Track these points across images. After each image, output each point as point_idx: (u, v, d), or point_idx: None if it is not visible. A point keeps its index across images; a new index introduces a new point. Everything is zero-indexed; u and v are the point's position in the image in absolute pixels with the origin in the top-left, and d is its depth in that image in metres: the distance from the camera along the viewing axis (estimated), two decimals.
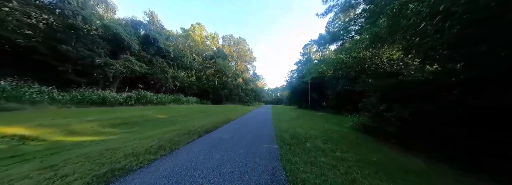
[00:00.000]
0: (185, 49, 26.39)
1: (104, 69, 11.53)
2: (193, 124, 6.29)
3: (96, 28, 11.52)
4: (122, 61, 13.12)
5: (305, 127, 6.61)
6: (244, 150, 3.25)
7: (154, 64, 16.04)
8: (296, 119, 9.92)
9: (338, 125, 7.59)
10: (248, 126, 6.29)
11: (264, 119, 8.95)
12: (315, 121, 9.37)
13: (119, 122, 5.55)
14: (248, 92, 44.82)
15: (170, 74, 17.19)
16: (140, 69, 14.19)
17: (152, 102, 12.69)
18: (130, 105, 10.60)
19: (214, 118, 8.39)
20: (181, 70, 22.59)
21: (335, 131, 5.66)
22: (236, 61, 43.19)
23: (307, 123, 8.09)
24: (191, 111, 11.75)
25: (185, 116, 9.07)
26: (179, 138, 3.86)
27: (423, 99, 3.38)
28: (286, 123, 7.80)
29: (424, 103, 3.32)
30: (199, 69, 27.66)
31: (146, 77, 14.91)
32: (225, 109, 16.27)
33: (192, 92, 23.72)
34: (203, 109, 13.57)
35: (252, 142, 3.91)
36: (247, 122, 7.63)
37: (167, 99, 14.84)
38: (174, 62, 20.47)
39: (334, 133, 5.30)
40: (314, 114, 15.86)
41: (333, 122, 8.93)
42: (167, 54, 19.71)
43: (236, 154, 3.01)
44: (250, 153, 3.09)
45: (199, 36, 29.61)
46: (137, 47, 15.72)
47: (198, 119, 8.09)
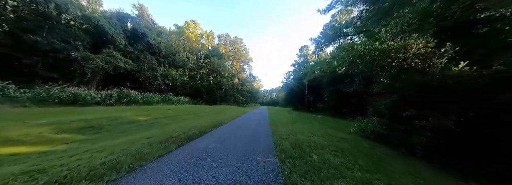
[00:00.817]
0: (178, 47, 25.16)
1: (81, 63, 10.25)
2: (177, 128, 5.35)
3: (73, 18, 10.25)
4: (104, 56, 11.85)
5: (305, 132, 5.87)
6: (235, 168, 2.41)
7: (142, 60, 14.80)
8: (294, 122, 9.19)
9: (341, 130, 6.93)
10: (242, 131, 5.45)
11: (260, 122, 8.14)
12: (314, 124, 8.69)
13: (82, 125, 4.51)
14: (243, 93, 43.90)
15: (159, 72, 15.96)
16: (125, 66, 12.94)
17: (137, 102, 11.49)
18: (110, 105, 9.41)
19: (204, 121, 7.47)
20: (173, 68, 21.35)
21: (341, 139, 4.95)
22: (232, 61, 42.25)
23: (306, 127, 7.37)
24: (180, 112, 10.70)
25: (171, 118, 8.07)
26: (150, 149, 2.96)
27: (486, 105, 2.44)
28: (284, 127, 7.04)
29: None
30: (192, 68, 26.45)
31: (132, 75, 13.65)
32: (218, 110, 15.29)
33: (184, 92, 22.48)
34: (194, 110, 12.53)
35: (246, 154, 3.08)
36: (241, 125, 6.79)
37: (154, 99, 13.65)
38: (165, 60, 19.23)
39: (341, 141, 4.58)
40: (311, 116, 15.28)
41: (334, 127, 8.29)
42: (157, 50, 18.47)
43: (223, 174, 2.17)
44: (243, 172, 2.26)
45: (194, 34, 28.48)
46: (123, 42, 14.45)
47: (185, 122, 7.13)
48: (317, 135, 5.29)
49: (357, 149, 3.92)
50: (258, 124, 7.41)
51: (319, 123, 9.45)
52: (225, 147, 3.45)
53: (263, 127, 6.60)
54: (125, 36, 15.30)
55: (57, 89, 7.37)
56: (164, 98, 15.49)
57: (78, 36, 10.99)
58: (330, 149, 3.73)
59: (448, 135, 2.77)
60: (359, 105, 14.91)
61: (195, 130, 5.05)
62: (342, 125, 9.30)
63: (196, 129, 5.17)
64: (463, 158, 2.73)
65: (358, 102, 15.23)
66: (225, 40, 40.55)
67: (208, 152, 3.09)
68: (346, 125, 9.33)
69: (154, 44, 18.26)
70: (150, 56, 17.23)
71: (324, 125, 8.93)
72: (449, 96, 2.83)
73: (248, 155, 3.03)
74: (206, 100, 26.13)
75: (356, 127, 6.52)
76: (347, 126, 8.62)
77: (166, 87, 20.82)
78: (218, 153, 3.08)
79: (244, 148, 3.49)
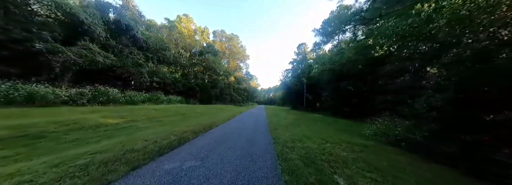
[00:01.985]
0: (169, 42, 23.52)
1: (47, 57, 8.72)
2: (151, 134, 4.13)
3: (37, 2, 8.67)
4: (78, 49, 10.30)
5: (314, 137, 4.79)
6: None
7: (126, 55, 13.25)
8: (296, 123, 8.12)
9: (353, 134, 5.91)
10: (234, 138, 4.30)
11: (258, 124, 7.01)
12: (320, 126, 7.66)
13: (7, 134, 3.21)
14: (240, 92, 42.61)
15: (146, 69, 14.45)
16: (105, 60, 11.42)
17: (117, 101, 10.07)
18: (82, 104, 8.01)
19: (191, 124, 6.26)
20: (164, 65, 19.83)
21: (362, 147, 3.88)
22: (228, 59, 40.77)
23: (312, 130, 6.31)
24: (166, 112, 9.40)
25: (151, 120, 6.79)
26: (69, 181, 1.75)
27: None
28: (286, 130, 5.94)
29: None
30: (186, 65, 24.91)
31: (113, 71, 12.13)
32: (211, 110, 14.04)
33: (176, 91, 20.99)
34: (184, 111, 11.24)
35: (237, 181, 1.93)
36: (235, 129, 5.63)
37: (140, 98, 12.22)
38: (154, 56, 17.68)
39: (367, 152, 3.50)
40: (312, 116, 14.29)
41: (343, 129, 7.27)
42: (145, 45, 16.89)
43: None
44: None
45: (186, 29, 26.82)
46: (104, 34, 12.85)
47: (166, 126, 5.90)
48: (330, 142, 4.21)
49: (399, 167, 2.81)
50: (256, 127, 6.28)
51: (324, 124, 8.42)
52: (206, 169, 2.29)
53: (261, 131, 5.47)
54: (106, 28, 13.68)
55: (5, 87, 5.92)
56: (152, 97, 14.06)
57: (46, 25, 9.40)
58: (359, 166, 2.63)
59: None
60: (362, 104, 14.05)
61: (174, 137, 3.85)
62: (351, 126, 8.31)
63: (175, 136, 3.97)
64: None
65: (361, 101, 14.36)
66: (220, 36, 38.95)
67: (175, 182, 1.91)
68: (354, 126, 8.34)
69: (141, 38, 16.67)
70: (137, 51, 15.67)
71: (330, 126, 7.92)
72: None
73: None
74: (201, 99, 24.72)
75: (370, 130, 5.51)
76: (357, 128, 7.60)
77: (157, 85, 19.31)
78: (193, 183, 1.91)
79: (235, 169, 2.34)
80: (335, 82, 17.13)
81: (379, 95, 9.54)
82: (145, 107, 10.40)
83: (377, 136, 4.89)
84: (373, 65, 10.60)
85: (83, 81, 9.91)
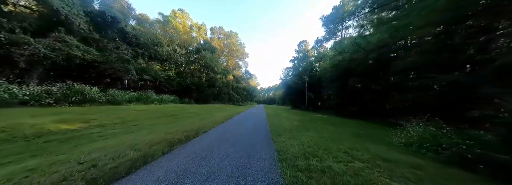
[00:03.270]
0: (163, 38, 22.17)
1: (9, 49, 7.40)
2: (98, 150, 2.86)
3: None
4: (50, 41, 8.97)
5: (332, 149, 3.55)
6: None
7: (110, 50, 11.91)
8: (302, 126, 6.86)
9: (380, 142, 4.66)
10: (223, 151, 3.03)
11: (257, 128, 5.76)
12: (331, 130, 6.39)
13: None
14: (239, 91, 41.37)
15: (133, 65, 13.11)
16: (84, 55, 10.10)
17: (95, 101, 8.78)
18: (47, 105, 6.72)
19: (174, 129, 5.00)
20: (157, 62, 18.50)
21: (414, 169, 2.62)
22: (226, 57, 39.44)
23: (324, 136, 5.06)
24: (152, 114, 8.14)
25: (126, 124, 5.52)
26: None
27: None
28: (292, 136, 4.70)
29: None
30: (180, 62, 23.58)
31: (95, 67, 10.80)
32: (206, 111, 12.78)
33: (170, 90, 19.70)
34: (174, 111, 9.97)
35: None
36: (228, 136, 4.38)
37: (125, 97, 10.92)
38: (145, 51, 16.34)
39: (429, 182, 2.22)
40: (317, 117, 13.03)
41: (361, 134, 6.00)
42: (134, 40, 15.55)
43: None
44: None
45: (182, 25, 25.43)
46: (85, 26, 11.52)
47: (138, 133, 4.62)
48: (358, 159, 2.95)
49: None
50: (254, 132, 5.02)
51: (335, 127, 7.15)
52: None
53: (261, 139, 4.21)
54: (89, 20, 12.34)
55: None
56: (141, 96, 12.76)
57: (11, 14, 8.07)
58: None
59: None
60: (374, 103, 12.60)
61: (132, 155, 2.59)
62: (367, 129, 7.03)
63: (136, 152, 2.71)
64: None
65: (372, 100, 12.96)
66: (218, 33, 37.55)
67: None
68: (371, 129, 7.00)
69: (130, 32, 15.32)
70: (125, 46, 14.34)
71: (343, 130, 6.65)
72: None
73: None
74: (197, 99, 23.46)
75: (400, 137, 4.27)
76: (376, 132, 6.30)
77: (151, 84, 18.01)
78: None
79: None
80: (340, 80, 15.87)
81: (397, 92, 8.29)
82: (129, 107, 9.11)
83: (415, 147, 3.65)
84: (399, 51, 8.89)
85: (59, 79, 8.61)
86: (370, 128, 7.25)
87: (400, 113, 6.90)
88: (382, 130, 7.21)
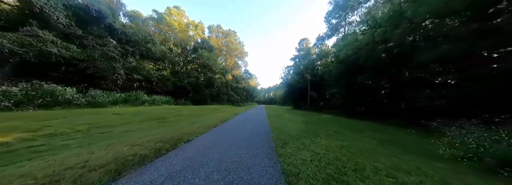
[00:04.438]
0: (158, 36, 21.09)
1: None
2: (8, 175, 1.69)
3: None
4: (20, 35, 7.85)
5: (366, 169, 2.37)
6: None
7: (92, 46, 10.78)
8: (310, 130, 5.68)
9: (422, 154, 3.47)
10: (204, 175, 1.86)
11: (256, 133, 4.58)
12: (347, 135, 5.21)
13: None
14: (239, 91, 40.21)
15: (120, 63, 11.96)
16: (62, 52, 8.99)
17: (72, 103, 7.65)
18: (2, 108, 5.60)
19: (151, 138, 3.86)
20: (150, 60, 17.39)
21: None
22: (225, 56, 38.32)
23: (343, 144, 3.88)
24: (134, 117, 7.01)
25: (90, 132, 4.37)
26: None
27: None
28: (302, 145, 3.55)
29: None
30: (176, 61, 22.47)
31: (74, 65, 9.65)
32: (201, 112, 11.64)
33: (165, 90, 18.58)
34: (163, 114, 8.83)
35: None
36: (218, 148, 3.21)
37: (110, 98, 9.79)
38: (136, 49, 15.23)
39: None
40: (323, 118, 11.82)
41: (389, 140, 4.81)
42: (124, 37, 14.45)
43: None
44: None
45: (178, 22, 24.34)
46: (65, 21, 10.42)
47: (91, 146, 3.46)
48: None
49: None
50: (253, 141, 3.85)
51: (351, 132, 5.95)
52: None
53: (259, 152, 3.03)
54: (71, 14, 11.24)
55: None
56: (129, 97, 11.62)
57: None
58: None
59: None
60: (389, 102, 11.22)
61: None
62: (392, 134, 5.82)
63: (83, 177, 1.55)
64: None
65: (388, 98, 11.61)
66: (216, 32, 36.45)
67: None
68: (394, 134, 5.78)
69: (119, 28, 14.22)
70: (113, 42, 13.24)
71: (362, 135, 5.45)
72: None
73: None
74: (194, 100, 22.32)
75: (444, 145, 3.10)
76: (403, 137, 5.10)
77: (144, 84, 16.88)
78: None
79: None
80: (347, 77, 14.67)
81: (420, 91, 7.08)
82: (107, 110, 7.96)
83: (493, 164, 2.49)
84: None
85: (33, 78, 7.47)
86: (392, 132, 6.06)
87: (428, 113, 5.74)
88: (407, 134, 6.02)
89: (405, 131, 6.43)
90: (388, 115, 10.15)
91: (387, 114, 10.26)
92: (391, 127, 7.58)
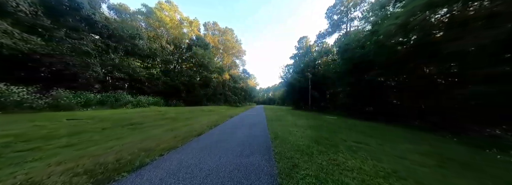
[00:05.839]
0: (149, 32, 19.52)
1: None
2: None
3: None
4: None
5: None
6: None
7: (63, 39, 9.21)
8: (326, 141, 4.24)
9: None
10: None
11: (247, 150, 3.06)
12: (379, 148, 3.78)
13: None
14: (237, 91, 38.72)
15: (96, 59, 10.41)
16: (15, 44, 7.43)
17: (21, 106, 6.11)
18: None
19: (74, 164, 2.37)
20: (135, 57, 15.83)
21: None
22: (222, 54, 36.83)
23: (389, 170, 2.44)
24: (99, 124, 5.52)
25: (15, 148, 2.88)
26: None
27: None
28: (326, 179, 2.08)
29: None
30: (168, 60, 20.94)
31: (35, 61, 8.07)
32: (191, 115, 10.18)
33: (154, 90, 17.05)
34: (140, 118, 7.33)
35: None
36: (183, 178, 1.77)
37: (81, 100, 8.25)
38: (119, 45, 13.69)
39: None
40: (329, 120, 10.39)
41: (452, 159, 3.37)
42: (105, 30, 12.91)
43: None
44: None
45: (170, 18, 22.80)
46: (29, 9, 8.86)
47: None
48: None
49: None
50: (240, 170, 2.36)
51: (384, 143, 4.51)
52: None
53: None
54: (38, 2, 9.67)
55: None
56: (107, 98, 10.08)
57: None
58: None
59: None
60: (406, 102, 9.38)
61: None
62: (434, 145, 4.37)
63: None
64: None
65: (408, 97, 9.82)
66: (212, 29, 34.95)
67: None
68: (438, 144, 4.25)
69: (99, 21, 12.68)
70: (92, 37, 11.69)
71: (396, 146, 4.00)
72: None
73: None
74: (187, 100, 20.79)
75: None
76: (453, 149, 3.61)
77: (139, 84, 15.34)
78: None
79: None
80: (354, 74, 13.32)
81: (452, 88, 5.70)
82: (69, 114, 6.42)
83: None
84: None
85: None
86: (435, 143, 4.66)
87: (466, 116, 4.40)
88: (456, 144, 4.62)
89: (445, 140, 5.04)
90: (402, 117, 8.79)
91: (402, 116, 8.91)
92: (418, 133, 6.19)
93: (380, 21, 10.27)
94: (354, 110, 14.19)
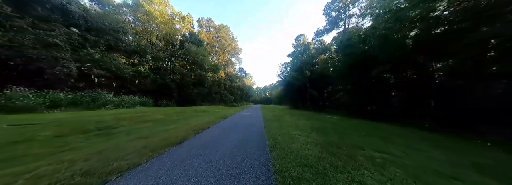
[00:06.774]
0: (135, 26, 18.09)
1: None
2: None
3: None
4: None
5: None
6: None
7: (23, 28, 7.84)
8: (338, 150, 3.33)
9: None
10: None
11: (237, 166, 2.08)
12: (424, 165, 2.89)
13: None
14: (233, 90, 37.58)
15: (67, 53, 9.05)
16: None
17: None
18: None
19: None
20: (120, 53, 14.47)
21: None
22: (217, 52, 35.52)
23: None
24: (51, 128, 4.40)
25: None
26: None
27: None
28: None
29: None
30: (159, 57, 19.58)
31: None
32: (180, 116, 9.10)
33: (142, 89, 15.75)
34: (114, 121, 6.21)
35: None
36: None
37: (43, 100, 7.01)
38: (100, 39, 12.33)
39: None
40: (332, 120, 9.56)
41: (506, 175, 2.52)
42: (83, 22, 11.53)
43: None
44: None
45: (160, 12, 21.35)
46: None
47: None
48: None
49: None
50: None
51: (410, 152, 3.62)
52: None
53: None
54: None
55: None
56: (81, 98, 8.83)
57: None
58: None
59: None
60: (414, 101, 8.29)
61: None
62: (477, 155, 3.44)
63: None
64: None
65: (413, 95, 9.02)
66: (207, 26, 33.55)
67: None
68: (477, 155, 3.20)
69: (76, 12, 11.28)
70: (66, 28, 10.31)
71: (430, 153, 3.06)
72: None
73: None
74: (180, 100, 19.56)
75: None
76: (488, 157, 2.81)
77: (126, 83, 13.97)
78: None
79: None
80: (355, 72, 12.58)
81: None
82: (19, 118, 5.23)
83: None
84: None
85: None
86: (451, 145, 3.86)
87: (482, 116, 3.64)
88: (487, 149, 3.83)
89: (472, 142, 4.25)
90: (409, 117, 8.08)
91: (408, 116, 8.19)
92: (437, 136, 5.42)
93: (386, 16, 9.47)
94: (355, 110, 13.51)
